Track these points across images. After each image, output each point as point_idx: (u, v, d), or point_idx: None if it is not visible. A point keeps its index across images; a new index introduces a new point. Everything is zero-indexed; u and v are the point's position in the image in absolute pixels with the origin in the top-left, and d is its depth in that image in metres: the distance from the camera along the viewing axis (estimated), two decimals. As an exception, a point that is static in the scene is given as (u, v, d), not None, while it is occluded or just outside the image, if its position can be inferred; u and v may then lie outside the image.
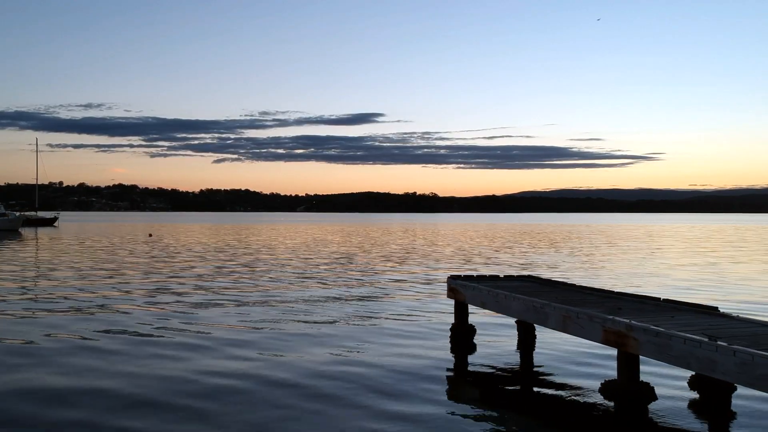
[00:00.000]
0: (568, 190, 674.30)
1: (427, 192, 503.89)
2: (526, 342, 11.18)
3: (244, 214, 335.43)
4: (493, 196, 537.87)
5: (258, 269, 25.68)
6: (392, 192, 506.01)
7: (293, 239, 54.01)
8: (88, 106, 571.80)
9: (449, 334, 11.63)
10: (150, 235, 59.12)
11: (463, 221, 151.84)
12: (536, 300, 9.03)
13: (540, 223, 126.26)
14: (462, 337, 11.35)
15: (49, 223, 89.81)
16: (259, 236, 59.97)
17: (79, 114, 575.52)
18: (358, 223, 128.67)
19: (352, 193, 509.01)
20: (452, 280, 11.52)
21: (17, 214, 75.39)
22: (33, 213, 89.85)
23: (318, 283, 20.81)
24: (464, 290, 10.97)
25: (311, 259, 31.52)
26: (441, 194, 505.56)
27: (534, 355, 10.57)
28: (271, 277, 22.47)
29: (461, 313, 11.42)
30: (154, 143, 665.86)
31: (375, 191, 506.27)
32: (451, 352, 10.85)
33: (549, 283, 11.64)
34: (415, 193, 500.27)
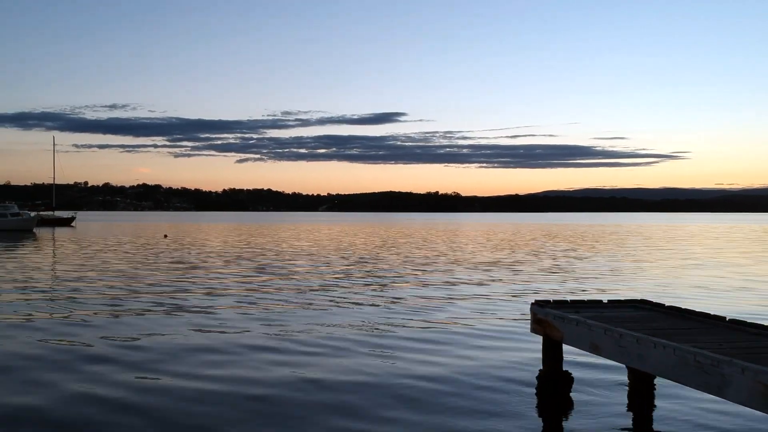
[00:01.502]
0: (591, 189, 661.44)
1: (449, 191, 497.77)
2: (643, 398, 7.90)
3: (266, 213, 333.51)
4: (516, 195, 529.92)
5: (263, 273, 22.63)
6: (414, 191, 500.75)
7: (315, 242, 50.98)
8: (113, 106, 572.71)
9: (536, 384, 8.30)
10: (165, 236, 56.49)
11: (487, 221, 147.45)
12: (699, 352, 5.69)
13: (569, 223, 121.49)
14: (555, 389, 8.02)
15: (66, 223, 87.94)
16: (277, 237, 57.07)
17: (104, 114, 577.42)
18: (382, 223, 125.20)
19: (374, 193, 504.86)
20: (539, 307, 8.16)
21: (32, 213, 73.49)
22: (50, 213, 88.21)
23: (350, 315, 17.36)
24: (562, 325, 7.58)
25: (335, 275, 28.39)
26: (463, 194, 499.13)
27: (656, 416, 7.35)
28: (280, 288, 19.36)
29: (553, 355, 8.06)
30: (178, 143, 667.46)
31: (397, 191, 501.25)
32: (539, 411, 7.63)
33: (676, 312, 8.20)
34: (437, 192, 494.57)
